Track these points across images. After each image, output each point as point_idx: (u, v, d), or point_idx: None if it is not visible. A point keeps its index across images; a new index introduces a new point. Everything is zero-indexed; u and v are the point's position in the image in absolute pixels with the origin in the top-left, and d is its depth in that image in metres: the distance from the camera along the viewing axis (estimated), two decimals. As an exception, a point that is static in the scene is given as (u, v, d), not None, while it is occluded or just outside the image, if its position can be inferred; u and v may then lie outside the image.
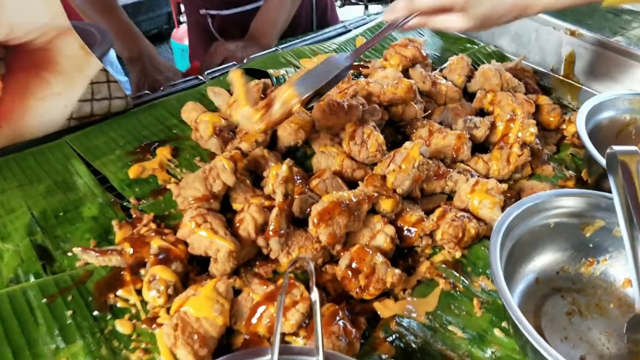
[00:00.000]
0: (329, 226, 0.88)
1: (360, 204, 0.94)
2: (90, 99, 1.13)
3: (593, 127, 1.20)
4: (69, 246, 0.93)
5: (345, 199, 0.92)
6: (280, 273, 0.91)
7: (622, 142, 1.24)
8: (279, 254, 0.89)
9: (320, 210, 0.89)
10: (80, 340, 0.78)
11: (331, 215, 0.89)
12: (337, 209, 0.90)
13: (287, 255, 0.89)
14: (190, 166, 1.10)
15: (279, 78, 1.32)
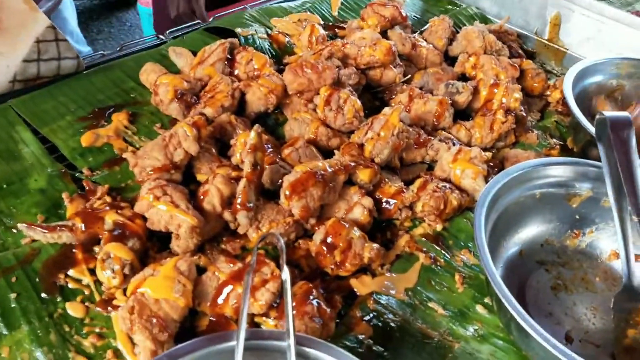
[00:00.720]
0: (302, 198, 0.82)
1: (336, 175, 0.88)
2: (37, 59, 1.02)
3: (579, 93, 1.15)
4: (13, 222, 0.85)
5: (320, 169, 0.85)
6: (249, 249, 0.85)
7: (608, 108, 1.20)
8: (247, 229, 0.83)
9: (292, 182, 0.83)
10: (26, 326, 0.72)
11: (304, 186, 0.82)
12: (311, 180, 0.83)
13: (257, 231, 0.83)
14: (150, 133, 1.03)
15: (247, 38, 1.23)
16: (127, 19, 4.54)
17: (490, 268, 0.72)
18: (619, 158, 0.82)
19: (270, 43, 1.26)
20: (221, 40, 1.14)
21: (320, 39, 1.21)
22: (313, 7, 1.43)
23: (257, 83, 1.04)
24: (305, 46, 1.22)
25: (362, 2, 1.43)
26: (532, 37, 1.44)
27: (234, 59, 1.12)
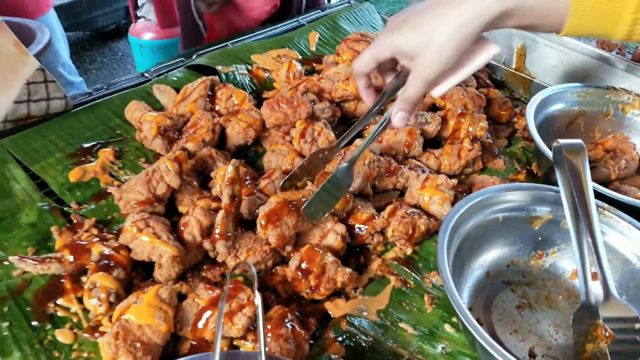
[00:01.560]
0: (277, 227, 0.86)
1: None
2: (27, 100, 1.08)
3: (543, 120, 1.21)
4: (5, 255, 0.89)
5: (294, 199, 0.90)
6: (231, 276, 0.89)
7: (571, 134, 1.26)
8: (226, 257, 0.87)
9: (267, 212, 0.88)
10: (18, 353, 0.76)
11: (279, 216, 0.87)
12: (285, 209, 0.88)
13: (235, 259, 0.87)
14: (135, 168, 1.07)
15: (228, 74, 1.29)
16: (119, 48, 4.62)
17: (451, 291, 0.76)
18: (573, 182, 0.87)
19: (251, 78, 1.33)
20: (202, 78, 1.19)
21: (298, 74, 1.27)
22: (293, 43, 1.49)
23: (237, 118, 1.10)
24: (283, 81, 1.28)
25: (339, 38, 1.50)
26: (500, 67, 1.51)
27: (214, 95, 1.18)
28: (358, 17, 1.66)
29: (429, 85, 0.79)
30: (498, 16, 0.71)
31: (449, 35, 0.72)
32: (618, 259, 0.91)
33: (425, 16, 0.74)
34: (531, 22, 0.75)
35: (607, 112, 1.25)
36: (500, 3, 0.71)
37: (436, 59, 0.74)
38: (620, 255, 0.91)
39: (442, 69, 0.75)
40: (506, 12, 0.72)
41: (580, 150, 0.91)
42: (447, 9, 0.72)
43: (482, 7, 0.71)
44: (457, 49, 0.73)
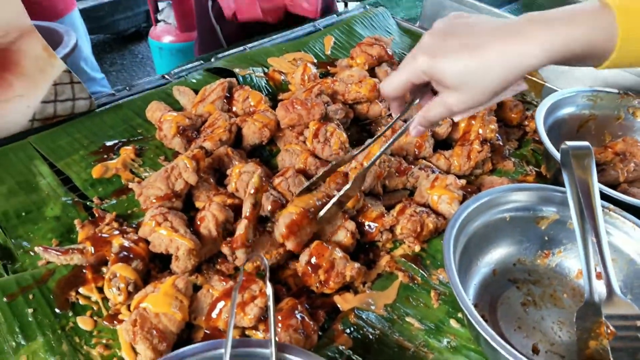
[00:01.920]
0: (297, 237, 0.90)
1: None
2: (54, 100, 1.13)
3: (553, 123, 1.23)
4: (30, 246, 0.94)
5: (311, 206, 0.93)
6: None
7: (582, 137, 1.27)
8: (244, 263, 0.89)
9: (289, 223, 0.90)
10: (41, 338, 0.79)
11: (300, 226, 0.90)
12: (306, 220, 0.91)
13: (253, 263, 0.90)
14: (155, 165, 1.11)
15: (245, 77, 1.34)
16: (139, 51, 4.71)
17: (456, 286, 0.78)
18: (579, 184, 0.89)
19: (267, 81, 1.37)
20: (221, 80, 1.24)
21: (312, 77, 1.31)
22: (308, 48, 1.53)
23: (253, 118, 1.14)
24: (298, 83, 1.32)
25: (353, 42, 1.53)
26: (512, 71, 1.53)
27: (232, 96, 1.22)
28: (373, 22, 1.70)
29: (451, 114, 0.78)
30: (538, 65, 0.69)
31: (487, 78, 0.70)
32: (623, 259, 0.92)
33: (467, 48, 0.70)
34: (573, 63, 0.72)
35: (618, 115, 1.26)
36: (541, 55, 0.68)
37: (469, 97, 0.73)
38: (625, 255, 0.92)
39: (471, 106, 0.74)
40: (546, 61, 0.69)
41: (587, 153, 0.92)
42: (490, 48, 0.69)
43: (524, 55, 0.68)
44: (492, 93, 0.72)
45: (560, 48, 0.68)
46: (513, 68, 0.69)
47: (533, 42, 0.68)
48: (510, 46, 0.68)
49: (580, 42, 0.68)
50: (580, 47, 0.69)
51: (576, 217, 0.89)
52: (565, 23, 0.68)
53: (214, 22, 1.80)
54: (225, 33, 1.82)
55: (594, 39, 0.68)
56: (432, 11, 1.73)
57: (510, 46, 0.68)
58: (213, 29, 1.81)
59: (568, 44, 0.68)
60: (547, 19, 0.69)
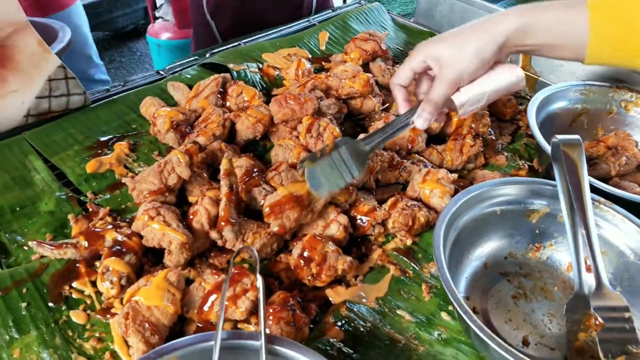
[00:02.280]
0: (278, 218, 0.91)
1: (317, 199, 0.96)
2: (48, 96, 1.14)
3: (545, 117, 1.23)
4: (25, 240, 0.95)
5: (301, 192, 0.94)
6: (235, 263, 0.93)
7: (574, 131, 1.27)
8: (234, 243, 0.91)
9: (272, 203, 0.92)
10: (35, 331, 0.80)
11: (282, 208, 0.91)
12: (290, 204, 0.92)
13: (243, 243, 0.91)
14: (149, 160, 1.12)
15: (240, 72, 1.34)
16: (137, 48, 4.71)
17: (446, 278, 0.79)
18: (569, 177, 0.89)
19: (261, 76, 1.37)
20: (214, 75, 1.24)
21: (306, 72, 1.31)
22: (303, 43, 1.54)
23: (246, 113, 1.14)
24: (292, 79, 1.33)
25: (348, 37, 1.54)
26: (506, 66, 1.53)
27: (226, 92, 1.23)
28: (368, 17, 1.70)
29: (450, 86, 0.87)
30: (515, 31, 0.81)
31: (470, 43, 0.84)
32: (613, 252, 0.93)
33: (455, 30, 0.87)
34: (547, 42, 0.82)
35: (610, 109, 1.27)
36: (516, 20, 0.81)
37: (457, 61, 0.84)
38: (615, 248, 0.92)
39: (462, 71, 0.85)
40: (523, 28, 0.81)
41: (577, 146, 0.93)
42: (474, 25, 0.85)
43: (501, 22, 0.83)
44: (476, 56, 0.84)
45: (533, 17, 0.81)
46: (490, 30, 0.83)
47: (508, 13, 0.83)
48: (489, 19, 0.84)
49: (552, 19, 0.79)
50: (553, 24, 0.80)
51: (566, 210, 0.89)
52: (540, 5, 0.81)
53: (208, 18, 1.80)
54: (220, 29, 1.82)
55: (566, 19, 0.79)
56: (427, 6, 1.73)
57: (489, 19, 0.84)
58: (208, 25, 1.82)
59: (539, 17, 0.80)
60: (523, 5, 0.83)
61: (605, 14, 0.76)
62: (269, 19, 1.75)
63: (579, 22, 0.78)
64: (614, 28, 0.77)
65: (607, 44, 0.78)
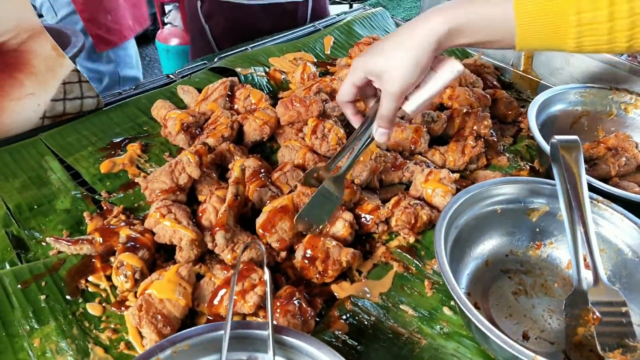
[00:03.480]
0: (274, 234, 0.93)
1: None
2: (63, 99, 1.18)
3: (546, 119, 1.26)
4: (42, 236, 0.98)
5: (285, 204, 0.96)
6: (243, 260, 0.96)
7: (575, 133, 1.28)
8: (224, 250, 0.91)
9: (261, 223, 0.94)
10: (53, 322, 0.84)
11: (273, 223, 0.94)
12: (278, 215, 0.94)
13: (232, 252, 0.91)
14: (160, 161, 1.16)
15: (247, 76, 1.38)
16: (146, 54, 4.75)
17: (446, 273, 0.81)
18: (568, 176, 0.91)
19: (268, 80, 1.41)
20: (223, 79, 1.28)
21: (312, 76, 1.34)
22: (308, 47, 1.57)
23: (254, 116, 1.18)
24: (298, 82, 1.36)
25: (352, 41, 1.57)
26: (509, 69, 1.56)
27: (234, 95, 1.26)
28: (372, 22, 1.74)
29: (397, 100, 0.87)
30: (445, 35, 0.81)
31: (406, 55, 0.82)
32: (611, 249, 0.95)
33: (387, 42, 0.86)
34: (481, 39, 0.82)
35: (610, 111, 1.29)
36: (445, 24, 0.80)
37: (398, 75, 0.83)
38: (613, 245, 0.94)
39: (404, 84, 0.84)
40: (452, 30, 0.81)
41: (575, 146, 0.95)
42: (404, 34, 0.83)
43: (431, 29, 0.81)
44: (415, 66, 0.83)
45: (462, 17, 0.80)
46: (422, 36, 0.81)
47: (437, 16, 0.81)
48: (417, 24, 0.83)
49: (480, 16, 0.79)
50: (481, 20, 0.79)
51: (565, 209, 0.91)
52: (468, 2, 0.80)
53: (203, 22, 1.84)
54: (214, 33, 1.86)
55: (492, 14, 0.78)
56: (431, 11, 1.76)
57: (417, 24, 0.83)
58: (203, 30, 1.85)
59: (468, 15, 0.79)
60: (451, 3, 0.82)
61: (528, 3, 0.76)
62: (262, 26, 1.78)
63: (507, 15, 0.78)
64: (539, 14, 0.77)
65: (533, 32, 0.78)
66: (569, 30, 0.76)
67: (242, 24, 1.79)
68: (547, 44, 0.80)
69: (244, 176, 0.98)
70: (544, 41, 0.79)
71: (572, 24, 0.75)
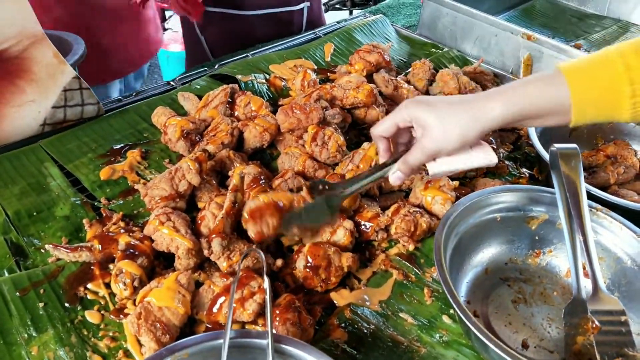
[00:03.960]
0: (257, 224, 0.89)
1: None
2: (64, 106, 1.18)
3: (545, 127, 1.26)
4: (41, 243, 0.98)
5: (284, 201, 0.92)
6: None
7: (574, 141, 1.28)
8: (219, 257, 0.91)
9: (253, 208, 0.89)
10: (51, 330, 0.84)
11: (262, 214, 0.89)
12: (270, 210, 0.90)
13: (227, 260, 0.91)
14: (160, 168, 1.16)
15: (247, 83, 1.38)
16: (146, 60, 4.76)
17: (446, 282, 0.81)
18: (567, 184, 0.91)
19: (268, 87, 1.41)
20: (223, 86, 1.28)
21: (312, 83, 1.35)
22: (309, 54, 1.58)
23: (254, 123, 1.18)
24: (298, 89, 1.36)
25: (353, 49, 1.58)
26: (508, 77, 1.57)
27: (234, 102, 1.27)
28: (372, 29, 1.74)
29: (427, 157, 0.88)
30: (499, 121, 0.84)
31: (457, 126, 0.84)
32: (611, 258, 0.95)
33: (446, 110, 0.86)
34: (537, 121, 0.85)
35: (609, 119, 1.29)
36: (501, 113, 0.83)
37: (440, 138, 0.85)
38: (612, 254, 0.95)
39: (441, 148, 0.86)
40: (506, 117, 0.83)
41: (575, 154, 0.95)
42: (463, 111, 0.85)
43: (487, 113, 0.83)
44: (459, 139, 0.85)
45: (518, 103, 0.82)
46: (477, 117, 0.84)
47: (494, 99, 0.84)
48: (476, 102, 0.85)
49: (535, 97, 0.82)
50: (537, 102, 0.82)
51: (564, 217, 0.91)
52: (522, 84, 0.84)
53: (198, 33, 1.85)
54: (209, 44, 1.87)
55: (548, 96, 0.81)
56: (430, 19, 1.77)
57: (476, 102, 0.85)
58: (198, 40, 1.86)
59: (524, 100, 0.82)
60: (507, 86, 0.85)
61: (583, 81, 0.80)
62: (258, 35, 1.79)
63: (561, 93, 0.80)
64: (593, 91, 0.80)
65: (589, 109, 0.81)
66: (623, 102, 0.78)
67: (238, 34, 1.79)
68: (602, 117, 0.82)
69: (243, 184, 0.98)
70: (600, 115, 0.82)
71: (627, 95, 0.77)
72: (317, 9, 1.97)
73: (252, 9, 1.78)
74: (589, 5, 2.16)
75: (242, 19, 1.79)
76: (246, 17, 1.79)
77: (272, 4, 1.80)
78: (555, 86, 0.80)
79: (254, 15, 1.79)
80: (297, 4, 1.85)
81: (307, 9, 1.90)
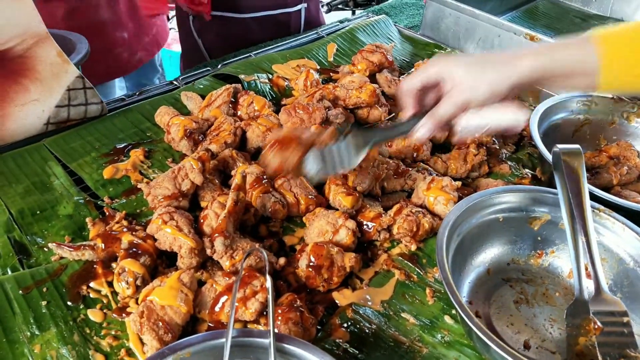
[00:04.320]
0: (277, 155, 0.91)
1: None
2: (67, 105, 1.18)
3: (548, 127, 1.26)
4: (45, 242, 0.99)
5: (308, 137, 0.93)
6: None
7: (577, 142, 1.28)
8: (222, 256, 0.91)
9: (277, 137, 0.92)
10: (54, 328, 0.84)
11: (284, 146, 0.91)
12: (293, 144, 0.91)
13: (230, 259, 0.91)
14: (163, 167, 1.16)
15: (250, 83, 1.39)
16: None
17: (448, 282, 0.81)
18: (570, 185, 0.91)
19: (271, 87, 1.41)
20: (226, 86, 1.29)
21: (315, 83, 1.35)
22: (312, 54, 1.58)
23: (257, 122, 1.18)
24: (301, 89, 1.37)
25: (355, 49, 1.58)
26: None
27: (237, 101, 1.27)
28: (375, 30, 1.74)
29: (458, 108, 0.89)
30: (528, 77, 0.86)
31: (487, 78, 0.87)
32: (613, 259, 0.95)
33: (476, 62, 0.89)
34: (565, 82, 0.88)
35: (612, 120, 1.29)
36: (531, 69, 0.86)
37: (470, 89, 0.87)
38: (615, 255, 0.94)
39: (472, 98, 0.88)
40: (535, 74, 0.86)
41: (578, 155, 0.95)
42: (494, 62, 0.88)
43: (517, 67, 0.86)
44: (489, 88, 0.87)
45: (546, 61, 0.85)
46: (506, 69, 0.87)
47: (524, 54, 0.87)
48: (506, 56, 0.88)
49: (563, 58, 0.84)
50: (563, 63, 0.84)
51: (567, 218, 0.91)
52: (552, 44, 0.88)
53: (196, 37, 1.85)
54: (207, 47, 1.87)
55: (575, 58, 0.84)
56: (433, 19, 1.77)
57: (506, 56, 0.88)
58: (195, 43, 1.87)
59: (552, 59, 0.85)
60: (536, 45, 0.89)
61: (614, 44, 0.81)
62: (255, 38, 1.79)
63: (590, 56, 0.82)
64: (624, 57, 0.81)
65: (618, 71, 0.82)
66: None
67: (236, 37, 1.80)
68: (628, 88, 0.86)
69: (245, 183, 0.98)
70: (625, 83, 0.84)
71: None
72: (314, 10, 1.97)
73: (249, 12, 1.79)
74: (592, 6, 2.16)
75: (239, 22, 1.79)
76: (243, 19, 1.79)
77: (269, 6, 1.81)
78: (585, 47, 0.83)
79: (252, 17, 1.79)
80: (294, 5, 1.86)
81: (305, 10, 1.91)
